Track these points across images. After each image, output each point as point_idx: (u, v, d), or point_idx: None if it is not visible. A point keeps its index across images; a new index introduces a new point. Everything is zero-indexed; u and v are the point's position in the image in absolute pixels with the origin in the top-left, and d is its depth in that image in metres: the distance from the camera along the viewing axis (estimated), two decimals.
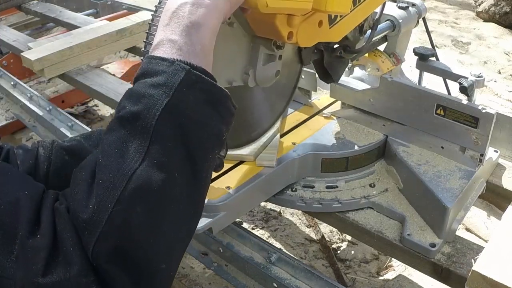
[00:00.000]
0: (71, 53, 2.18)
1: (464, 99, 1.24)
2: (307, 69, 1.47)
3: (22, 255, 0.67)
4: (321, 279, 1.22)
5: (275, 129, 1.36)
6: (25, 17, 3.24)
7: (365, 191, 1.32)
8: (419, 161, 1.29)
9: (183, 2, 0.76)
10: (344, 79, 1.41)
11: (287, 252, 2.00)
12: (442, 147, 1.30)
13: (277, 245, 2.08)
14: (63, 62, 2.17)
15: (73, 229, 0.70)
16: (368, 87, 1.39)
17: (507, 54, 3.90)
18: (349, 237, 2.13)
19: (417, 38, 3.53)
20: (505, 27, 4.39)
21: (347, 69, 1.41)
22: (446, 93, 1.44)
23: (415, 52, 1.38)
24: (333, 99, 1.56)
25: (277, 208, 2.28)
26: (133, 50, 2.53)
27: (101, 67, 2.50)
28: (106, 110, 3.01)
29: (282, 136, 1.39)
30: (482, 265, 1.01)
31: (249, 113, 1.28)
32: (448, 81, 1.45)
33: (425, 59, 1.37)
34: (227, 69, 1.07)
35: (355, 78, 1.44)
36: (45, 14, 2.93)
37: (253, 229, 2.18)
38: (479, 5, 4.64)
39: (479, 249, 1.17)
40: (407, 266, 1.32)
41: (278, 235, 2.16)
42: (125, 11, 2.88)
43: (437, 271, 1.16)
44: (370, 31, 1.25)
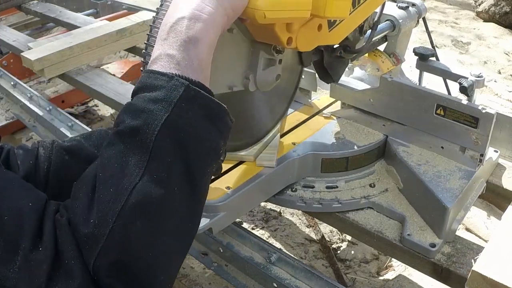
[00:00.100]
0: (71, 53, 2.18)
1: (464, 99, 1.24)
2: (307, 69, 1.47)
3: (24, 267, 0.67)
4: (321, 279, 1.22)
5: (275, 129, 1.37)
6: (25, 17, 3.24)
7: (365, 191, 1.32)
8: (419, 161, 1.29)
9: (181, 16, 0.76)
10: (344, 79, 1.41)
11: (287, 252, 2.00)
12: (442, 147, 1.30)
13: (277, 245, 2.08)
14: (63, 62, 2.17)
15: (74, 242, 0.71)
16: (368, 87, 1.39)
17: (507, 54, 3.90)
18: (349, 237, 2.13)
19: (417, 38, 3.53)
20: (505, 27, 4.39)
21: (347, 69, 1.40)
22: (446, 93, 1.44)
23: (415, 52, 1.38)
24: (333, 99, 1.56)
25: (277, 208, 2.28)
26: (133, 50, 2.53)
27: (101, 67, 2.50)
28: (106, 110, 3.01)
29: (282, 136, 1.39)
30: (482, 265, 1.01)
31: (250, 115, 1.28)
32: (448, 81, 1.45)
33: (425, 59, 1.37)
34: (228, 74, 1.08)
35: (355, 78, 1.44)
36: (45, 14, 2.92)
37: (253, 229, 2.18)
38: (479, 5, 4.64)
39: (479, 249, 1.17)
40: (407, 266, 1.32)
41: (278, 235, 2.16)
42: (125, 11, 2.88)
43: (437, 271, 1.16)
44: (370, 31, 1.24)
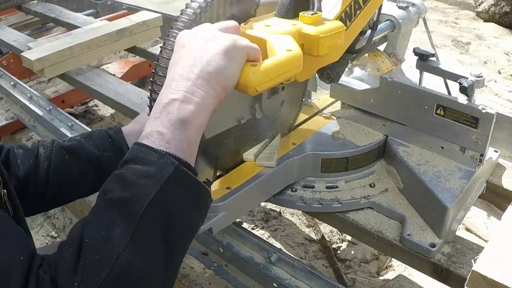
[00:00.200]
0: (71, 53, 2.18)
1: (464, 99, 1.24)
2: None
3: None
4: (321, 279, 1.22)
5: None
6: (25, 17, 3.25)
7: (365, 191, 1.32)
8: (419, 161, 1.29)
9: (174, 98, 0.80)
10: (344, 79, 1.41)
11: (287, 252, 2.00)
12: (442, 147, 1.30)
13: (277, 245, 2.08)
14: (63, 62, 2.17)
15: None
16: (368, 87, 1.39)
17: (507, 54, 3.90)
18: (349, 237, 2.13)
19: (417, 38, 3.52)
20: (505, 27, 4.39)
21: (347, 69, 1.40)
22: (446, 93, 1.44)
23: (415, 52, 1.37)
24: (333, 99, 1.56)
25: (277, 208, 2.28)
26: (133, 50, 2.53)
27: (101, 67, 2.50)
28: (106, 110, 3.01)
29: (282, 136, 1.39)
30: (482, 265, 1.01)
31: (256, 140, 1.32)
32: (448, 81, 1.45)
33: (425, 59, 1.37)
34: (235, 109, 1.16)
35: (355, 78, 1.43)
36: (45, 14, 2.93)
37: (253, 229, 2.18)
38: (479, 5, 4.64)
39: (479, 249, 1.17)
40: (407, 266, 1.32)
41: (278, 235, 2.16)
42: (125, 11, 2.88)
43: (437, 271, 1.16)
44: (370, 31, 1.24)
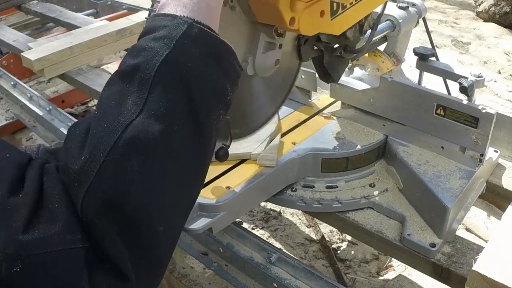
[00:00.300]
0: (71, 53, 2.18)
1: (464, 99, 1.24)
2: (307, 69, 1.47)
3: (2, 216, 0.63)
4: (321, 279, 1.22)
5: (275, 129, 1.36)
6: (25, 17, 3.24)
7: (365, 191, 1.32)
8: (419, 161, 1.29)
9: None
10: (344, 79, 1.41)
11: (287, 252, 2.00)
12: (442, 147, 1.30)
13: (277, 245, 2.08)
14: (63, 62, 2.17)
15: (61, 187, 0.67)
16: (368, 87, 1.39)
17: (507, 54, 3.89)
18: (349, 237, 2.13)
19: (417, 38, 3.53)
20: (505, 27, 4.39)
21: (347, 69, 1.40)
22: (446, 93, 1.44)
23: (415, 52, 1.38)
24: (333, 99, 1.56)
25: (277, 208, 2.28)
26: None
27: (101, 67, 2.50)
28: None
29: (282, 136, 1.39)
30: (482, 265, 1.00)
31: (248, 103, 1.24)
32: (448, 81, 1.45)
33: (425, 59, 1.37)
34: None
35: (355, 78, 1.43)
36: (45, 14, 2.92)
37: (253, 229, 2.18)
38: (479, 5, 4.64)
39: (479, 249, 1.17)
40: (407, 266, 1.32)
41: (278, 235, 2.16)
42: (125, 11, 2.87)
43: (437, 271, 1.16)
44: (370, 31, 1.24)
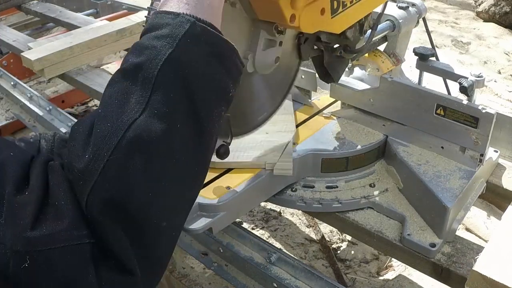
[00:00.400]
0: (71, 53, 2.18)
1: (464, 99, 1.24)
2: (307, 69, 1.47)
3: (9, 212, 0.65)
4: (321, 279, 1.22)
5: (292, 139, 1.34)
6: (25, 17, 3.24)
7: (365, 191, 1.32)
8: (419, 161, 1.29)
9: None
10: (344, 79, 1.41)
11: (287, 252, 2.00)
12: (442, 147, 1.30)
13: (277, 245, 2.08)
14: (63, 62, 2.17)
15: (67, 184, 0.68)
16: (368, 87, 1.39)
17: (507, 54, 3.89)
18: (349, 237, 2.13)
19: (417, 38, 3.53)
20: (505, 27, 4.39)
21: (347, 69, 1.40)
22: (446, 93, 1.44)
23: (415, 52, 1.38)
24: (333, 99, 1.56)
25: (277, 208, 2.28)
26: None
27: (101, 67, 2.50)
28: None
29: None
30: (482, 265, 1.01)
31: (247, 101, 1.24)
32: (448, 81, 1.45)
33: (425, 59, 1.37)
34: None
35: (355, 78, 1.44)
36: (45, 14, 2.92)
37: (253, 229, 2.18)
38: (479, 5, 4.63)
39: (479, 249, 1.17)
40: (407, 266, 1.32)
41: (278, 235, 2.16)
42: (125, 11, 2.87)
43: (437, 271, 1.16)
44: (370, 31, 1.24)
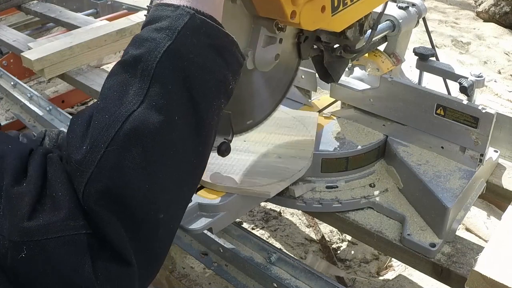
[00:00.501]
0: (71, 53, 2.18)
1: (464, 99, 1.24)
2: (307, 69, 1.47)
3: (7, 205, 0.65)
4: (321, 279, 1.22)
5: (303, 166, 1.31)
6: (25, 17, 3.24)
7: (365, 191, 1.32)
8: (419, 161, 1.29)
9: None
10: (344, 79, 1.41)
11: (287, 252, 2.00)
12: (442, 147, 1.30)
13: (277, 245, 2.08)
14: (63, 62, 2.17)
15: (65, 176, 0.69)
16: (368, 87, 1.39)
17: (507, 54, 3.89)
18: (349, 237, 2.13)
19: (417, 38, 3.53)
20: (505, 27, 4.39)
21: (347, 69, 1.40)
22: (446, 93, 1.44)
23: (415, 52, 1.38)
24: (333, 99, 1.56)
25: (277, 208, 2.28)
26: None
27: (101, 67, 2.50)
28: None
29: None
30: (482, 265, 1.01)
31: (246, 98, 1.22)
32: (448, 81, 1.45)
33: (425, 59, 1.37)
34: None
35: (355, 78, 1.44)
36: (45, 14, 2.92)
37: (253, 229, 2.18)
38: (479, 5, 4.64)
39: (479, 249, 1.17)
40: (407, 266, 1.32)
41: (278, 235, 2.16)
42: (125, 11, 2.88)
43: (437, 271, 1.16)
44: (370, 31, 1.24)
